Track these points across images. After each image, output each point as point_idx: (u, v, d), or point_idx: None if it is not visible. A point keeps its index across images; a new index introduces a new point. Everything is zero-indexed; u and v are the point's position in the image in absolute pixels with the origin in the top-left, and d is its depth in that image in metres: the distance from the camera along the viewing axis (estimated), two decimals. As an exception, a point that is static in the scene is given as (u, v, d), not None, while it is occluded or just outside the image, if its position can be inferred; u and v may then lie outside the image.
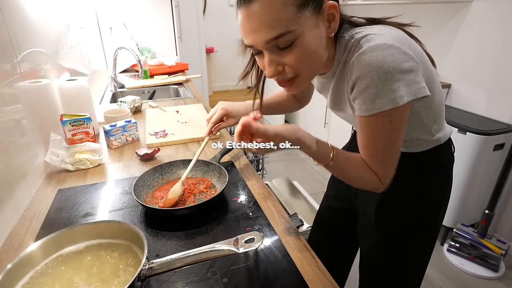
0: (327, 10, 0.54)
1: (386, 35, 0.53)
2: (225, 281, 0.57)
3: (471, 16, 1.82)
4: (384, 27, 0.57)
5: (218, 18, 4.73)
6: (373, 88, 0.51)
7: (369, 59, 0.50)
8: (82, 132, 1.08)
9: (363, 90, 0.53)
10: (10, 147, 0.78)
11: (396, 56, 0.50)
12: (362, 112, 0.55)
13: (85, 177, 0.95)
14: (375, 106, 0.52)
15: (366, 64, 0.51)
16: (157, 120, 1.37)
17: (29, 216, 0.77)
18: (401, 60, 0.50)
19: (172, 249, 0.65)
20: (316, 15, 0.53)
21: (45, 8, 1.18)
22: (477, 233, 1.73)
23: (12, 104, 0.81)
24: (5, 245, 0.68)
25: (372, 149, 0.59)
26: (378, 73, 0.50)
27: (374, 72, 0.50)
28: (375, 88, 0.51)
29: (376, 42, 0.51)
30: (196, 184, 0.85)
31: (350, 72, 0.55)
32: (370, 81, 0.51)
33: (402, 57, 0.50)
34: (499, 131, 1.62)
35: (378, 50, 0.50)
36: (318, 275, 0.58)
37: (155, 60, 2.40)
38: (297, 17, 0.51)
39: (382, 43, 0.51)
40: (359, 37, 0.55)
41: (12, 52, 0.83)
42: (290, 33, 0.51)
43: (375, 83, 0.51)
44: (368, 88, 0.52)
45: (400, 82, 0.50)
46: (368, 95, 0.52)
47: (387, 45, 0.50)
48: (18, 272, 0.49)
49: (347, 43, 0.58)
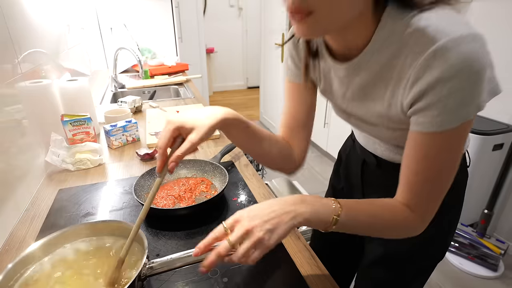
0: None
1: (458, 22, 0.41)
2: (225, 280, 0.56)
3: (470, 16, 1.81)
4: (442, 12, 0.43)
5: (218, 19, 4.73)
6: (460, 93, 0.40)
7: (455, 56, 0.39)
8: (83, 132, 1.08)
9: (445, 97, 0.40)
10: (11, 147, 0.78)
11: (483, 50, 0.40)
12: (432, 127, 0.43)
13: (86, 177, 0.95)
14: (457, 117, 0.41)
15: (453, 63, 0.39)
16: (158, 120, 1.37)
17: (30, 216, 0.77)
18: (486, 54, 0.40)
19: (172, 249, 0.65)
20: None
21: (46, 8, 1.18)
22: (476, 232, 1.73)
23: (13, 104, 0.81)
24: (6, 245, 0.68)
25: (426, 174, 0.47)
26: (468, 74, 0.39)
27: (464, 73, 0.39)
28: (462, 93, 0.40)
29: (459, 34, 0.39)
30: (197, 184, 0.85)
31: (416, 72, 0.43)
32: (458, 85, 0.39)
33: (486, 49, 0.40)
34: (498, 131, 1.62)
35: (464, 44, 0.39)
36: (317, 274, 0.58)
37: (156, 60, 2.40)
38: None
39: (467, 34, 0.39)
40: (420, 26, 0.42)
41: (13, 53, 0.83)
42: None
43: (463, 87, 0.40)
44: (453, 94, 0.40)
45: (486, 82, 0.41)
46: (451, 102, 0.40)
47: (472, 36, 0.39)
48: (18, 272, 0.49)
49: (397, 30, 0.45)
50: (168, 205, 0.77)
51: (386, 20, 0.45)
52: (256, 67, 4.56)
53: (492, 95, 0.43)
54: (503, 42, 1.66)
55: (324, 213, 0.48)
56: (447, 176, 0.48)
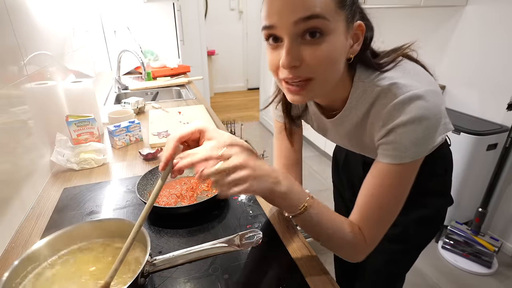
0: (355, 29, 0.50)
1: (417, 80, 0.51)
2: (226, 277, 0.57)
3: (464, 19, 1.82)
4: (400, 69, 0.54)
5: (219, 22, 4.73)
6: (412, 136, 0.48)
7: (409, 108, 0.47)
8: (87, 132, 1.08)
9: (400, 138, 0.49)
10: (17, 147, 0.78)
11: (435, 103, 0.48)
12: (391, 159, 0.51)
13: (90, 176, 0.95)
14: (408, 154, 0.49)
15: (408, 113, 0.48)
16: (160, 121, 1.37)
17: (36, 214, 0.77)
18: (439, 106, 0.48)
19: (174, 246, 0.65)
20: (347, 26, 0.48)
21: (51, 12, 1.18)
22: (471, 230, 1.73)
23: (19, 105, 0.81)
24: (12, 242, 0.68)
25: (379, 201, 0.54)
26: (419, 122, 0.47)
27: (416, 121, 0.47)
28: (414, 136, 0.48)
29: (415, 91, 0.48)
30: (198, 182, 0.85)
31: (383, 119, 0.51)
32: (411, 130, 0.48)
33: (439, 101, 0.49)
34: (492, 132, 1.62)
35: (418, 99, 0.47)
36: (317, 272, 0.58)
37: (158, 62, 2.40)
38: (335, 11, 0.46)
39: (423, 91, 0.48)
40: (385, 85, 0.51)
41: (19, 55, 0.83)
42: (323, 21, 0.45)
43: (416, 132, 0.48)
44: (407, 137, 0.48)
45: (437, 129, 0.49)
46: (405, 143, 0.49)
47: (426, 92, 0.48)
48: (24, 269, 0.49)
49: (368, 90, 0.54)
50: (170, 203, 0.77)
51: (358, 83, 0.55)
52: (256, 69, 4.56)
53: (442, 134, 0.50)
54: (497, 46, 1.66)
55: (298, 198, 0.52)
56: (395, 206, 0.54)
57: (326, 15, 0.45)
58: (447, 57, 1.95)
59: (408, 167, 0.51)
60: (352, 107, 0.57)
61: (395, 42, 0.61)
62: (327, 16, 0.45)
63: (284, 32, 0.47)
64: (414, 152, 0.49)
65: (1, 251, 0.65)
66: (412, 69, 0.55)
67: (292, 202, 0.51)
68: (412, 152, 0.49)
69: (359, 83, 0.55)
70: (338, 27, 0.47)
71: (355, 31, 0.50)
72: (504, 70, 1.65)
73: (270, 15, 0.47)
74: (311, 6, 0.44)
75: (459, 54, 1.88)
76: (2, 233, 0.67)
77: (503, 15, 1.62)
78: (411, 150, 0.49)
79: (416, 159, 0.50)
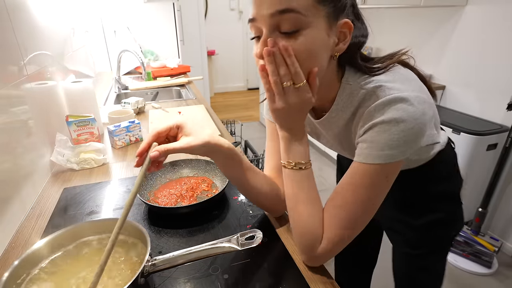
0: (340, 26, 0.49)
1: (405, 86, 0.50)
2: (225, 277, 0.56)
3: (464, 19, 1.82)
4: (391, 74, 0.53)
5: (219, 22, 4.73)
6: (387, 137, 0.47)
7: (388, 110, 0.47)
8: (87, 132, 1.08)
9: (374, 137, 0.48)
10: (18, 147, 0.78)
11: (419, 109, 0.47)
12: (363, 158, 0.50)
13: (90, 176, 0.95)
14: (380, 155, 0.48)
15: (386, 114, 0.47)
16: (160, 121, 1.37)
17: (36, 214, 0.77)
18: (423, 112, 0.47)
19: (174, 246, 0.65)
20: (330, 22, 0.48)
21: (51, 12, 1.18)
22: (471, 230, 1.73)
23: (19, 105, 0.81)
24: (12, 242, 0.68)
25: (343, 200, 0.52)
26: (396, 125, 0.46)
27: (392, 123, 0.46)
28: (389, 137, 0.47)
29: (397, 95, 0.47)
30: (198, 183, 0.85)
31: (363, 119, 0.51)
32: (387, 131, 0.47)
33: (424, 109, 0.47)
34: (492, 132, 1.62)
35: (399, 102, 0.46)
36: (317, 272, 0.58)
37: (158, 62, 2.40)
38: (312, 5, 0.46)
39: (405, 95, 0.47)
40: (370, 87, 0.51)
41: (19, 55, 0.83)
42: (299, 15, 0.46)
43: (391, 133, 0.47)
44: (382, 137, 0.47)
45: (422, 137, 0.48)
46: (378, 142, 0.48)
47: (411, 97, 0.47)
48: (24, 268, 0.49)
49: (355, 92, 0.54)
50: (171, 203, 0.77)
51: (345, 84, 0.55)
52: (255, 69, 4.50)
53: (428, 144, 0.51)
54: (497, 46, 1.66)
55: (300, 152, 0.55)
56: (360, 208, 0.51)
57: (302, 10, 0.46)
58: (447, 57, 1.95)
59: (379, 169, 0.49)
60: (338, 109, 0.57)
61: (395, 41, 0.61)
62: (303, 11, 0.46)
63: (263, 24, 0.48)
64: (387, 154, 0.47)
65: (1, 251, 0.65)
66: (404, 75, 0.54)
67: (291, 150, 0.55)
68: (385, 154, 0.47)
69: (346, 85, 0.55)
70: (317, 22, 0.47)
71: (341, 29, 0.50)
72: (504, 70, 1.65)
73: (253, 8, 0.49)
74: (287, 0, 0.45)
75: (459, 54, 1.88)
76: (2, 233, 0.67)
77: (503, 15, 1.62)
78: (384, 152, 0.47)
79: (390, 163, 0.48)
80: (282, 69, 0.48)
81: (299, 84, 0.49)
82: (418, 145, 0.48)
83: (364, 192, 0.50)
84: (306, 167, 0.56)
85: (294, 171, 0.56)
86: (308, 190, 0.56)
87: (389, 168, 0.49)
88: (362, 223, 0.53)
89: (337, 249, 0.54)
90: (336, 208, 0.53)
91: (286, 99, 0.50)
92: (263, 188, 0.65)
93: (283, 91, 0.50)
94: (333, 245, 0.53)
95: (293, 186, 0.57)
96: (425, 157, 0.65)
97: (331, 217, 0.53)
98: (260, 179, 0.65)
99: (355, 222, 0.52)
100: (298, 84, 0.49)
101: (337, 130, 0.61)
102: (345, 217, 0.52)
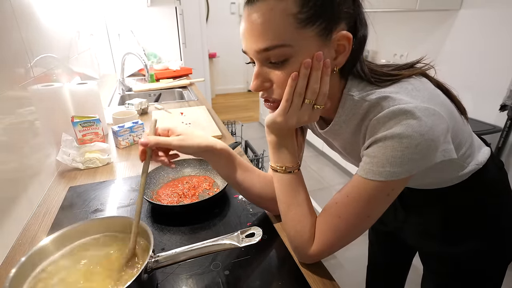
0: (337, 40, 0.45)
1: (410, 92, 0.46)
2: (226, 273, 0.57)
3: (458, 23, 1.82)
4: (399, 84, 0.48)
5: (220, 25, 4.73)
6: (390, 154, 0.43)
7: (392, 124, 0.43)
8: (92, 132, 1.08)
9: (377, 152, 0.44)
10: (24, 147, 0.78)
11: (428, 123, 0.42)
12: (364, 172, 0.46)
13: (95, 175, 0.95)
14: (381, 172, 0.44)
15: (390, 129, 0.43)
16: (163, 121, 1.37)
17: (42, 212, 0.77)
18: (432, 126, 0.42)
19: (176, 243, 0.65)
20: (323, 39, 0.44)
21: (57, 16, 1.18)
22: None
23: (26, 107, 0.81)
24: (19, 239, 0.68)
25: (339, 210, 0.49)
26: (400, 141, 0.42)
27: (396, 139, 0.42)
28: (392, 154, 0.43)
29: (402, 107, 0.43)
30: (200, 182, 0.85)
31: (368, 132, 0.47)
32: (390, 147, 0.43)
33: (434, 121, 0.42)
34: (485, 132, 1.62)
35: (407, 115, 0.42)
36: (315, 269, 0.58)
37: (161, 64, 2.40)
38: (296, 32, 0.43)
39: (410, 108, 0.42)
40: (374, 98, 0.47)
41: (26, 58, 0.83)
42: (284, 48, 0.44)
43: (395, 149, 0.42)
44: (385, 153, 0.43)
45: (435, 153, 0.43)
46: (381, 158, 0.44)
47: (417, 110, 0.42)
48: (31, 265, 0.49)
49: (358, 104, 0.50)
50: (173, 202, 0.77)
51: (346, 95, 0.51)
52: (256, 71, 4.55)
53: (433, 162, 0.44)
54: (490, 48, 1.66)
55: (288, 155, 0.55)
56: (355, 221, 0.49)
57: (286, 42, 0.44)
58: (442, 59, 1.95)
59: (380, 186, 0.45)
60: (341, 122, 0.54)
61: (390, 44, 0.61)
62: (287, 43, 0.44)
63: (252, 57, 0.48)
64: (388, 171, 0.44)
65: (9, 248, 0.65)
66: (413, 85, 0.48)
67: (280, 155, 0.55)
68: (386, 171, 0.44)
69: (347, 96, 0.51)
70: (306, 46, 0.44)
71: (339, 42, 0.46)
72: (497, 72, 1.65)
73: (242, 41, 0.48)
74: (268, 38, 0.44)
75: (453, 57, 1.88)
76: (9, 231, 0.67)
77: (495, 19, 1.62)
78: (385, 169, 0.44)
79: (392, 180, 0.44)
80: (314, 86, 0.47)
81: (318, 106, 0.49)
82: (429, 163, 0.44)
83: (361, 206, 0.47)
84: (295, 171, 0.56)
85: (283, 174, 0.56)
86: (296, 193, 0.55)
87: (391, 185, 0.45)
88: (356, 234, 0.51)
89: (329, 252, 0.53)
90: (332, 215, 0.51)
91: (299, 115, 0.50)
92: (260, 187, 0.64)
93: (301, 106, 0.49)
94: (325, 247, 0.52)
95: (283, 189, 0.57)
96: (452, 176, 0.58)
97: (326, 222, 0.51)
98: (256, 178, 0.64)
99: (348, 232, 0.50)
100: (318, 105, 0.49)
101: (343, 142, 0.58)
102: (339, 225, 0.50)
